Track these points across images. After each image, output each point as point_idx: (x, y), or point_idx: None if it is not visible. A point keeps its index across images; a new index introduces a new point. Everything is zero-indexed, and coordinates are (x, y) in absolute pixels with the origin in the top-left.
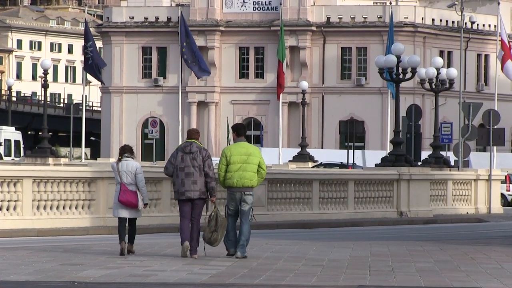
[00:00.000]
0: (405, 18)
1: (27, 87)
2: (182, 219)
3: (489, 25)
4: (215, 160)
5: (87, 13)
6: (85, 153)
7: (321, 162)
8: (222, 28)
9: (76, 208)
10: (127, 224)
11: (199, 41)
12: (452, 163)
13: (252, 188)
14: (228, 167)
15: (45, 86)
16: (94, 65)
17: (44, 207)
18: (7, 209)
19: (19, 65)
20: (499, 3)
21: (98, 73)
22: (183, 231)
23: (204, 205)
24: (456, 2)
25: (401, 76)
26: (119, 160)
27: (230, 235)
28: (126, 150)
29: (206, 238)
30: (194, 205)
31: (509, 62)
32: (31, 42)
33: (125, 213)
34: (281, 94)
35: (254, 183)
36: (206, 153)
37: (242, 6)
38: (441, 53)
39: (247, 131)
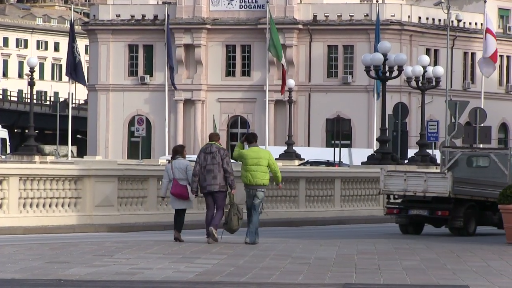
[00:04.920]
0: (391, 16)
1: (14, 85)
2: (207, 210)
3: (476, 23)
4: None
5: (74, 11)
6: (71, 151)
7: (307, 160)
8: (208, 26)
9: (62, 206)
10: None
11: (186, 39)
12: (439, 161)
13: (264, 186)
14: (244, 167)
15: (31, 84)
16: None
17: (31, 205)
18: None
19: (5, 63)
20: (485, 1)
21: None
22: (207, 222)
23: (227, 196)
24: (442, 0)
25: (387, 74)
26: (172, 159)
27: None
28: (178, 152)
29: (234, 226)
30: (215, 197)
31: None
32: (17, 39)
33: (179, 205)
34: (268, 92)
35: (266, 181)
36: (225, 152)
37: (228, 4)
38: (427, 51)
39: (234, 128)
